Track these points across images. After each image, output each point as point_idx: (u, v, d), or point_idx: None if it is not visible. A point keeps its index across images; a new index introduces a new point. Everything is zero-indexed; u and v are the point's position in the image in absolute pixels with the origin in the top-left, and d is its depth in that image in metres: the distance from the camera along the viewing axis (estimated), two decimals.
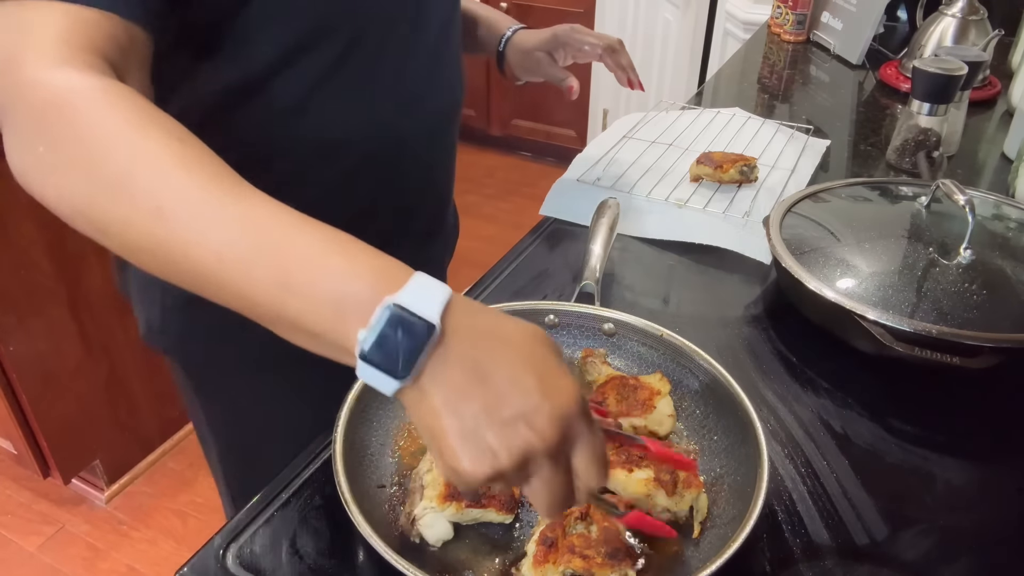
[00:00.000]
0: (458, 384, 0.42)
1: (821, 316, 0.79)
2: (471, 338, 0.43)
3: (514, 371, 0.42)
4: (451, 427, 0.42)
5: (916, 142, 1.12)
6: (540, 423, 0.41)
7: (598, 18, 2.80)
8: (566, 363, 0.45)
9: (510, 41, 1.03)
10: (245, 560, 0.57)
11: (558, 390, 0.43)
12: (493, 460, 0.41)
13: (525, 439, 0.41)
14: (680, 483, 0.59)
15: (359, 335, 0.42)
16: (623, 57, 1.02)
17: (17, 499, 1.88)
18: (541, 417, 0.42)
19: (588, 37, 1.01)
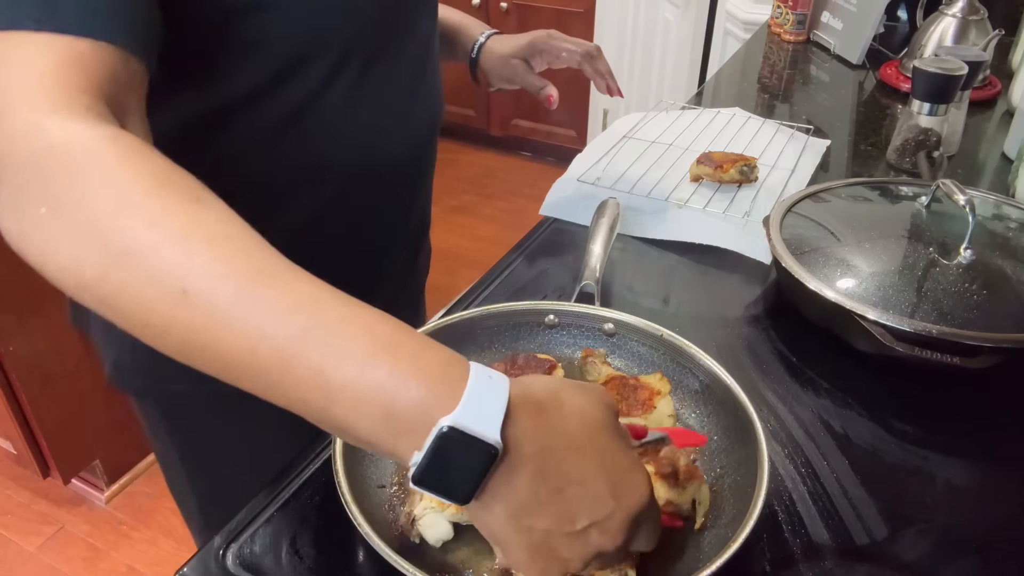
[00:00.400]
0: (526, 499, 0.40)
1: (821, 316, 0.79)
2: (536, 446, 0.40)
3: (584, 477, 0.40)
4: (520, 542, 0.40)
5: (916, 142, 1.12)
6: (613, 528, 0.41)
7: (598, 18, 2.80)
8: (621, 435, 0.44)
9: (484, 47, 1.00)
10: (245, 560, 0.57)
11: (629, 491, 0.42)
12: (563, 567, 0.41)
13: (598, 546, 0.41)
14: (681, 475, 0.59)
15: (412, 458, 0.38)
16: (601, 63, 1.00)
17: (17, 499, 1.88)
18: (614, 523, 0.41)
19: (565, 43, 0.98)
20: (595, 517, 0.40)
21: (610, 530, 0.41)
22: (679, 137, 1.20)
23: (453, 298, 0.87)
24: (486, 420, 0.38)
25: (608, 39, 2.78)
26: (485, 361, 0.72)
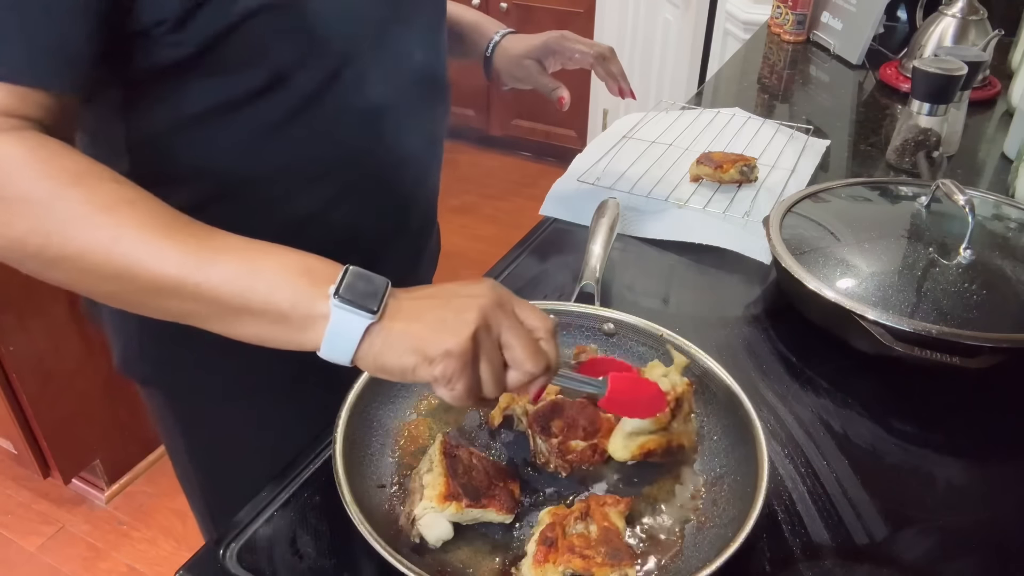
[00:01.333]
0: (413, 308, 0.53)
1: (821, 316, 0.79)
2: (417, 289, 0.54)
3: (452, 286, 0.54)
4: (420, 329, 0.52)
5: (916, 142, 1.12)
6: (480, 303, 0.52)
7: (598, 18, 2.80)
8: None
9: (498, 46, 1.00)
10: (245, 560, 0.57)
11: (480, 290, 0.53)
12: (461, 329, 0.51)
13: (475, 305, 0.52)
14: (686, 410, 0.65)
15: (330, 289, 0.51)
16: (614, 65, 1.00)
17: (17, 499, 1.88)
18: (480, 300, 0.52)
19: (578, 45, 0.98)
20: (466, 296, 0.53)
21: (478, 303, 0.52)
22: (679, 137, 1.20)
23: None
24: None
25: (608, 39, 2.78)
26: None
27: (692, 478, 0.64)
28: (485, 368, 0.52)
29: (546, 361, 0.53)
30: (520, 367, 0.52)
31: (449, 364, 0.51)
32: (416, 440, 0.67)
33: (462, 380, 0.51)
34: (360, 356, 0.52)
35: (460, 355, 0.51)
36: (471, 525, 0.59)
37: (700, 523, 0.60)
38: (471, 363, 0.51)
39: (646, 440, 0.63)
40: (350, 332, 0.51)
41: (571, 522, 0.57)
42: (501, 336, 0.52)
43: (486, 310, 0.52)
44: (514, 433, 0.68)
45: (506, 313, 0.53)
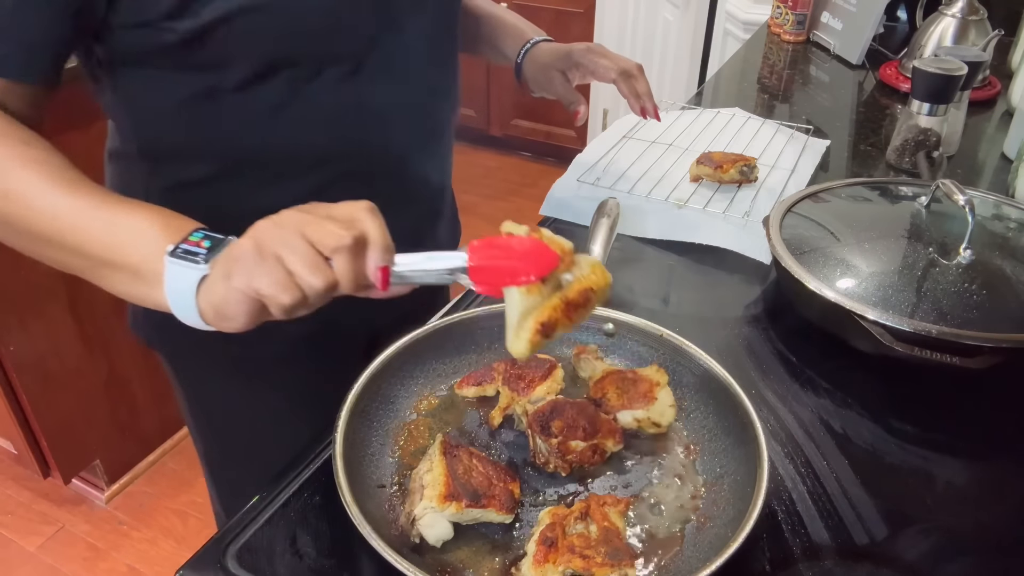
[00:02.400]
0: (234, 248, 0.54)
1: (821, 316, 0.79)
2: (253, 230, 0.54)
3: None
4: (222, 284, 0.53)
5: (916, 142, 1.12)
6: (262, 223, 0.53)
7: (598, 18, 2.80)
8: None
9: (529, 53, 0.99)
10: (245, 560, 0.57)
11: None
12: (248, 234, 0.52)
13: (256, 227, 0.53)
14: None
15: (169, 247, 0.55)
16: (640, 84, 0.95)
17: (17, 499, 1.88)
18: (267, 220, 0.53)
19: (602, 59, 0.95)
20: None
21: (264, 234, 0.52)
22: (679, 137, 1.20)
23: (453, 298, 0.87)
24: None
25: (608, 39, 2.77)
26: (485, 362, 0.73)
27: (692, 478, 0.64)
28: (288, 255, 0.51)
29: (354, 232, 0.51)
30: (329, 246, 0.51)
31: (238, 269, 0.52)
32: (416, 440, 0.67)
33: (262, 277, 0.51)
34: (202, 311, 0.55)
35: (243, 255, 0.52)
36: (471, 525, 0.59)
37: (700, 523, 0.60)
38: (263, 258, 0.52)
39: (539, 313, 0.53)
40: (185, 285, 0.54)
41: (571, 522, 0.57)
42: (303, 230, 0.52)
43: (273, 217, 0.53)
44: (514, 433, 0.68)
45: (307, 212, 0.53)
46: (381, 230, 0.53)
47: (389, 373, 0.69)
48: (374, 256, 0.52)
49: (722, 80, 1.56)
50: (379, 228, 0.53)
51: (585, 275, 0.55)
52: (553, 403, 0.65)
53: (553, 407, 0.64)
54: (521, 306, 0.53)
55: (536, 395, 0.68)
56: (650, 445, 0.67)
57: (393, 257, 0.54)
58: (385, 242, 0.53)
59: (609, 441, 0.64)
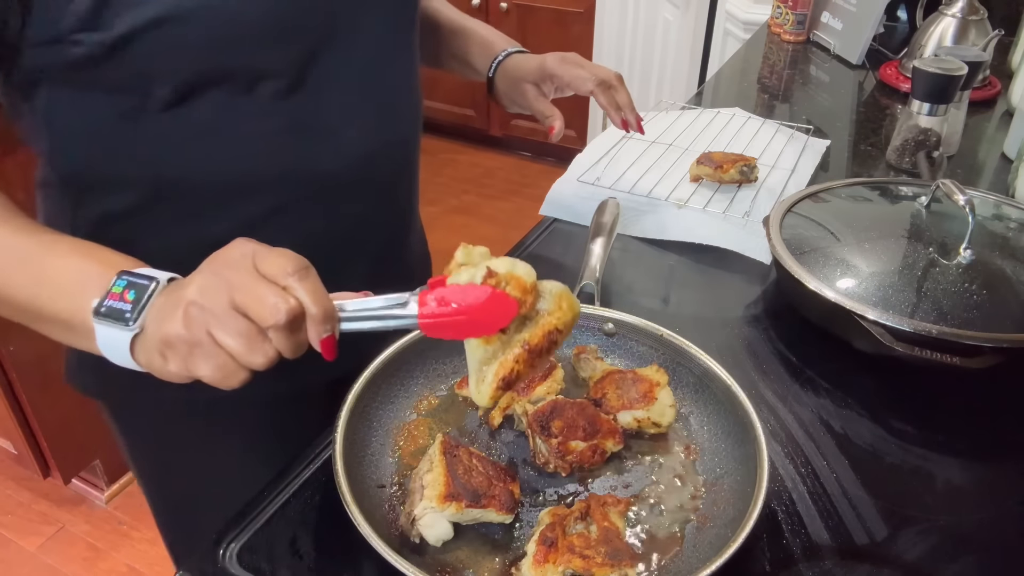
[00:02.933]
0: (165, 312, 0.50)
1: (821, 316, 0.79)
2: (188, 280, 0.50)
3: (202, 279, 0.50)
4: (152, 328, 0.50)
5: (916, 142, 1.12)
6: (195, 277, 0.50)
7: (598, 18, 2.79)
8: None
9: (501, 66, 0.92)
10: (245, 560, 0.57)
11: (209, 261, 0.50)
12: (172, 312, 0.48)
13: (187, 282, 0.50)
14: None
15: (94, 302, 0.51)
16: (620, 94, 0.91)
17: (17, 499, 1.88)
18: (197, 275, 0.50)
19: (578, 69, 0.89)
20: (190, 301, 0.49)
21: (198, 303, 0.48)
22: (679, 137, 1.20)
23: None
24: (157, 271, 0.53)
25: (608, 39, 2.77)
26: None
27: (692, 478, 0.64)
28: (223, 338, 0.48)
29: (289, 305, 0.47)
30: (265, 322, 0.47)
31: (172, 355, 0.49)
32: (416, 440, 0.67)
33: (200, 363, 0.49)
34: (144, 365, 0.52)
35: (176, 341, 0.48)
36: (471, 525, 0.59)
37: (700, 523, 0.60)
38: (197, 343, 0.48)
39: (500, 367, 0.51)
40: (118, 345, 0.51)
41: (571, 522, 0.57)
42: (233, 299, 0.47)
43: (199, 282, 0.49)
44: (514, 433, 0.68)
45: (236, 272, 0.48)
46: (315, 297, 0.48)
47: (389, 373, 0.69)
48: (313, 331, 0.49)
49: (722, 80, 1.56)
50: (313, 296, 0.48)
51: (550, 311, 0.51)
52: (553, 403, 0.65)
53: (553, 407, 0.64)
54: (480, 355, 0.51)
55: (536, 395, 0.68)
56: (650, 445, 0.67)
57: (335, 325, 0.50)
58: (323, 313, 0.49)
59: (609, 441, 0.64)
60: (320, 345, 0.49)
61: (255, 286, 0.47)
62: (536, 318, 0.50)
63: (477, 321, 0.48)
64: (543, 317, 0.50)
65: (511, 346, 0.50)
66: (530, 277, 0.50)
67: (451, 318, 0.48)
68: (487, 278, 0.48)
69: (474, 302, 0.48)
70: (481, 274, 0.49)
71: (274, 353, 0.48)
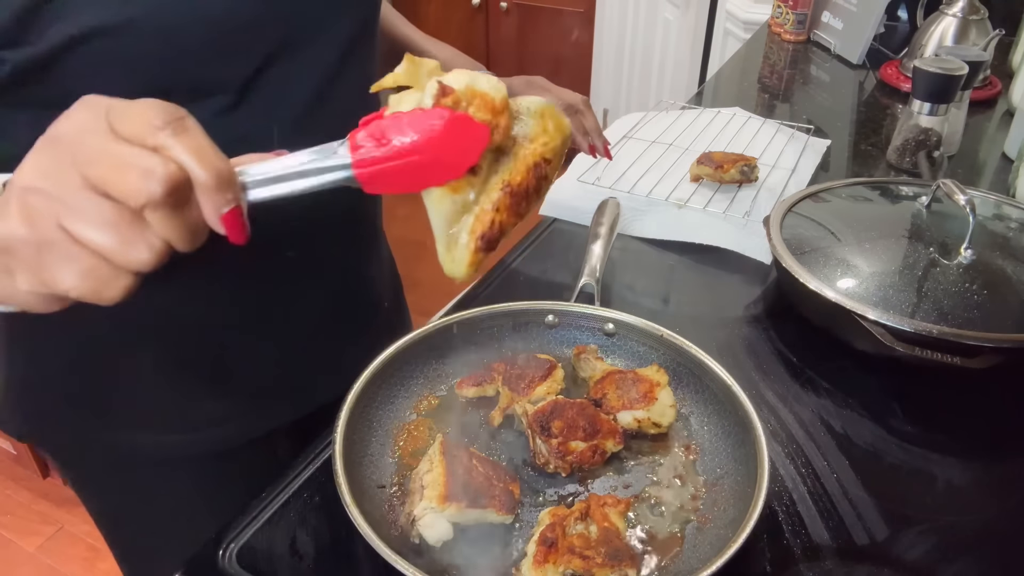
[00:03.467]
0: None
1: (821, 316, 0.79)
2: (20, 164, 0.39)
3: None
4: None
5: (916, 142, 1.12)
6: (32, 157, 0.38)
7: (598, 18, 2.79)
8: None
9: None
10: (245, 560, 0.57)
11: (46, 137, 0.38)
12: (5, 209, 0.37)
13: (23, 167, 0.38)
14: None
15: None
16: (587, 119, 0.88)
17: (16, 499, 1.88)
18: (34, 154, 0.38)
19: (545, 93, 0.87)
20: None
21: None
22: (679, 137, 1.20)
23: (453, 298, 0.87)
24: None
25: (608, 39, 2.78)
26: (485, 362, 0.73)
27: (692, 478, 0.64)
28: (81, 230, 0.36)
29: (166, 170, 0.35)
30: (135, 200, 0.35)
31: (17, 265, 0.38)
32: (416, 440, 0.67)
33: (58, 270, 0.37)
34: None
35: (16, 244, 0.37)
36: (471, 525, 0.59)
37: (700, 523, 0.60)
38: (47, 243, 0.36)
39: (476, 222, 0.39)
40: None
41: (571, 522, 0.57)
42: (86, 175, 0.36)
43: (35, 161, 0.37)
44: (514, 433, 0.68)
45: (85, 138, 0.37)
46: (201, 155, 0.36)
47: (389, 373, 0.69)
48: (207, 204, 0.37)
49: (722, 80, 1.56)
50: (198, 154, 0.36)
51: (532, 137, 0.40)
52: (553, 403, 0.65)
53: (553, 407, 0.64)
54: (447, 209, 0.39)
55: (536, 395, 0.68)
56: (650, 445, 0.67)
57: (237, 192, 0.38)
58: (216, 175, 0.37)
59: (609, 441, 0.64)
60: (221, 223, 0.38)
61: (113, 152, 0.36)
62: (515, 148, 0.39)
63: (434, 160, 0.36)
64: (524, 146, 0.39)
65: (487, 190, 0.38)
66: (498, 92, 0.37)
67: (398, 160, 0.36)
68: (440, 97, 0.36)
69: (427, 133, 0.35)
70: (432, 93, 0.36)
71: (160, 243, 0.37)
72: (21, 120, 0.56)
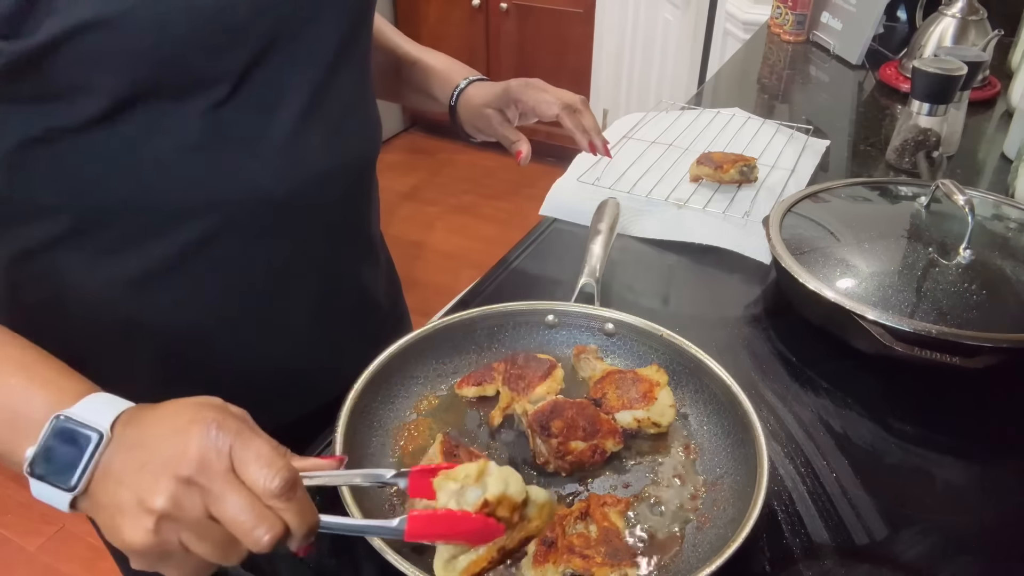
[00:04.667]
0: (113, 476, 0.43)
1: (821, 316, 0.79)
2: (137, 436, 0.44)
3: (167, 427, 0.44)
4: (105, 516, 0.43)
5: (916, 142, 1.12)
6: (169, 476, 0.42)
7: (598, 18, 2.80)
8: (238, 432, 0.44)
9: (463, 94, 0.90)
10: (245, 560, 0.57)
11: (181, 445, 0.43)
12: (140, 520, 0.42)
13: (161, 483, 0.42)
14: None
15: (27, 452, 0.43)
16: (586, 118, 0.88)
17: (17, 499, 1.88)
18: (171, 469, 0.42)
19: (543, 94, 0.87)
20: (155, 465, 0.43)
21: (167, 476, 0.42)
22: (679, 137, 1.20)
23: (453, 298, 0.88)
24: (99, 413, 0.44)
25: (608, 39, 2.78)
26: (485, 362, 0.73)
27: (692, 478, 0.64)
28: (197, 547, 0.43)
29: (275, 533, 0.43)
30: (247, 537, 0.43)
31: (139, 561, 0.44)
32: (416, 440, 0.67)
33: (169, 568, 0.44)
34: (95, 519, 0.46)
35: (145, 551, 0.43)
36: None
37: (700, 523, 0.60)
38: (168, 554, 0.43)
39: (471, 561, 0.50)
40: (57, 503, 0.44)
41: (571, 522, 0.57)
42: (210, 511, 0.42)
43: (175, 489, 0.42)
44: (514, 433, 0.68)
45: (210, 476, 0.42)
46: (302, 518, 0.45)
47: (389, 373, 0.69)
48: (294, 545, 0.46)
49: (722, 80, 1.56)
50: (300, 517, 0.44)
51: (530, 519, 0.50)
52: (553, 403, 0.65)
53: (553, 407, 0.64)
54: (453, 548, 0.50)
55: (536, 395, 0.68)
56: (650, 445, 0.67)
57: (315, 534, 0.46)
58: (307, 530, 0.45)
59: (609, 441, 0.64)
60: (298, 553, 0.47)
61: (235, 502, 0.42)
62: (518, 524, 0.50)
63: (459, 539, 0.49)
64: (524, 525, 0.50)
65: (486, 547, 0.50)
66: (521, 495, 0.49)
67: (438, 537, 0.49)
68: (482, 507, 0.47)
69: (463, 525, 0.47)
70: (474, 501, 0.47)
71: (247, 554, 0.45)
72: (10, 120, 0.57)
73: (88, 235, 0.64)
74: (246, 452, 0.43)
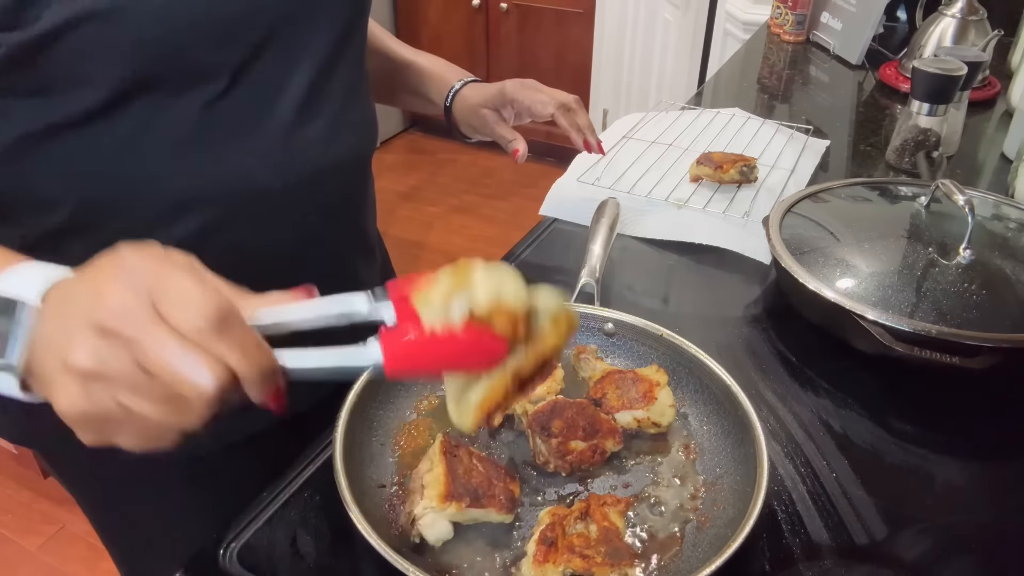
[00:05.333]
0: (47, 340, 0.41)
1: (821, 316, 0.79)
2: (63, 296, 0.42)
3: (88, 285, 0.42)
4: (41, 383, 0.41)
5: (916, 142, 1.12)
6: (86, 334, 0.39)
7: (598, 18, 2.80)
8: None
9: (457, 96, 0.92)
10: (245, 560, 0.57)
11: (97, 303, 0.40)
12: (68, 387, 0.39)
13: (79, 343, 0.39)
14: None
15: None
16: (580, 117, 0.90)
17: (17, 499, 1.88)
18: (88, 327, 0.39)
19: (538, 94, 0.89)
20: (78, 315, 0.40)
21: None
22: (679, 137, 1.20)
23: None
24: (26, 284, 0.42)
25: (608, 39, 2.78)
26: None
27: (692, 478, 0.64)
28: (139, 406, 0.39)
29: (216, 379, 0.39)
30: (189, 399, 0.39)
31: (82, 431, 0.41)
32: (416, 440, 0.67)
33: (118, 435, 0.41)
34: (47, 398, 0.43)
35: (82, 419, 0.40)
36: (471, 525, 0.59)
37: (700, 523, 0.60)
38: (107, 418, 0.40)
39: (484, 397, 0.43)
40: (7, 387, 0.43)
41: (571, 522, 0.57)
42: (139, 361, 0.39)
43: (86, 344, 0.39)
44: (514, 433, 0.68)
45: (133, 323, 0.39)
46: (246, 354, 0.40)
47: None
48: (253, 392, 0.41)
49: (722, 80, 1.56)
50: (243, 353, 0.40)
51: (546, 333, 0.43)
52: (553, 403, 0.65)
53: (553, 407, 0.64)
54: (462, 382, 0.43)
55: (536, 395, 0.68)
56: (650, 445, 0.67)
57: (279, 378, 0.42)
58: (259, 372, 0.40)
59: (609, 441, 0.64)
60: (268, 403, 0.42)
61: (164, 349, 0.38)
62: (529, 342, 0.42)
63: (456, 365, 0.41)
64: (536, 342, 0.42)
65: (497, 373, 0.42)
66: (520, 301, 0.41)
67: (424, 368, 0.41)
68: (467, 321, 0.39)
69: (450, 344, 0.39)
70: (460, 314, 0.39)
71: (209, 412, 0.40)
72: (9, 114, 0.57)
73: (87, 228, 0.64)
74: (166, 292, 0.39)
